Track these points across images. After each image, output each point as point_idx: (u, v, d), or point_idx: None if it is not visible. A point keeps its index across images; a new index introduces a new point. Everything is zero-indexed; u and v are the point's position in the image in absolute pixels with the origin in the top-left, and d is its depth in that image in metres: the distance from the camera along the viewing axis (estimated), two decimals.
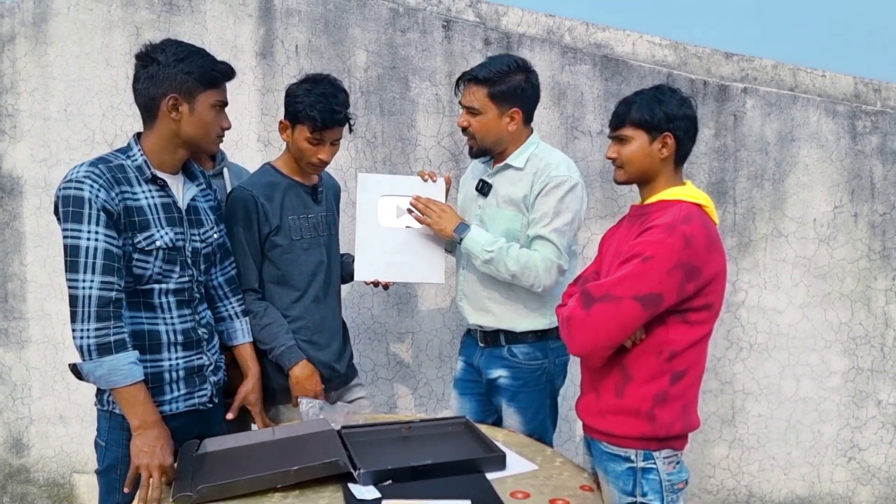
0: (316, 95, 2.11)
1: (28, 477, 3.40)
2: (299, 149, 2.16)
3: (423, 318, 3.22)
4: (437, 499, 1.63)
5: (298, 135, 2.15)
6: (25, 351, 3.33)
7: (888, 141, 3.02)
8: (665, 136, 1.81)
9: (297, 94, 2.14)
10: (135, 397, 1.76)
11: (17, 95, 3.20)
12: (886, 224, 3.05)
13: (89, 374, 1.77)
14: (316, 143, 2.13)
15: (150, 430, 1.76)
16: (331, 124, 2.12)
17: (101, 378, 1.76)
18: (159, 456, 1.74)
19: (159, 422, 1.79)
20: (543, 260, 2.17)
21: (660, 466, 1.78)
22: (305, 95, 2.12)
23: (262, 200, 2.13)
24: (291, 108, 2.15)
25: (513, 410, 2.33)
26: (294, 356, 2.16)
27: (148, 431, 1.76)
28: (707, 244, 1.72)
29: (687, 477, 1.84)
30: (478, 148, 2.32)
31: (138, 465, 1.73)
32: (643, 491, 1.78)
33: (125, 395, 1.76)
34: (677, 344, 1.75)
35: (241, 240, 2.13)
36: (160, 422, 1.80)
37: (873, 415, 3.13)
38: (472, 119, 2.27)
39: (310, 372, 2.17)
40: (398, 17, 3.09)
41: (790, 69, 3.13)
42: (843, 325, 3.11)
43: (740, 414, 3.17)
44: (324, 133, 2.13)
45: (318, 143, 2.14)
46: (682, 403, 1.79)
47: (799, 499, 3.19)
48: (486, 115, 2.25)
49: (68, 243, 1.73)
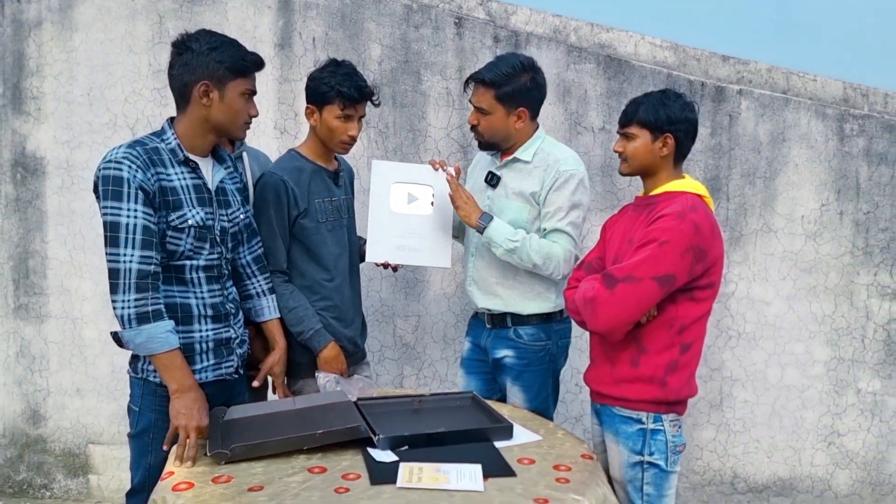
0: (342, 75, 2.25)
1: (45, 447, 3.53)
2: (329, 128, 2.28)
3: (430, 302, 3.37)
4: (450, 463, 1.77)
5: (328, 115, 2.27)
6: (45, 325, 3.45)
7: (874, 143, 3.19)
8: (666, 136, 2.00)
9: (322, 77, 2.27)
10: (172, 362, 1.89)
11: (42, 79, 3.32)
12: (870, 222, 3.22)
13: (129, 341, 1.90)
14: (346, 119, 2.26)
15: (187, 394, 1.90)
16: (361, 99, 2.26)
17: (141, 345, 1.89)
18: (196, 417, 1.87)
19: (195, 386, 1.92)
20: (563, 251, 2.34)
21: (666, 428, 2.00)
22: (331, 76, 2.25)
23: (292, 185, 2.25)
24: (318, 91, 2.27)
25: (517, 388, 2.48)
26: (323, 339, 2.29)
27: (185, 394, 1.89)
28: (711, 230, 1.94)
29: (685, 442, 2.06)
30: (485, 143, 2.47)
31: (177, 426, 1.88)
32: (650, 450, 2.01)
33: (163, 361, 1.89)
34: (686, 318, 1.97)
35: (271, 222, 2.25)
36: (196, 386, 1.93)
37: (853, 402, 3.31)
38: (481, 118, 2.40)
39: (336, 353, 2.32)
40: (412, 13, 3.22)
41: (783, 73, 3.29)
42: (827, 317, 3.27)
43: (727, 399, 3.34)
44: (356, 107, 2.26)
45: (348, 119, 2.27)
46: (689, 372, 2.02)
47: (781, 481, 3.37)
48: (493, 115, 2.39)
49: (108, 220, 1.85)
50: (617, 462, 2.06)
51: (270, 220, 2.25)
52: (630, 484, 2.04)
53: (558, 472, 1.78)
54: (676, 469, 2.04)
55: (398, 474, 1.71)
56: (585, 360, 3.29)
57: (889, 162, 3.18)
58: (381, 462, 1.80)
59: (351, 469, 1.76)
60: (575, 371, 3.28)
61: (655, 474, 2.01)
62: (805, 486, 3.36)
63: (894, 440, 3.32)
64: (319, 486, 1.67)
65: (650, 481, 2.02)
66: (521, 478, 1.73)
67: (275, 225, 2.26)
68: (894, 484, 3.34)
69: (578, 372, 3.29)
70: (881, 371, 3.28)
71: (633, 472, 2.03)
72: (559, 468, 1.81)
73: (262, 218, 2.26)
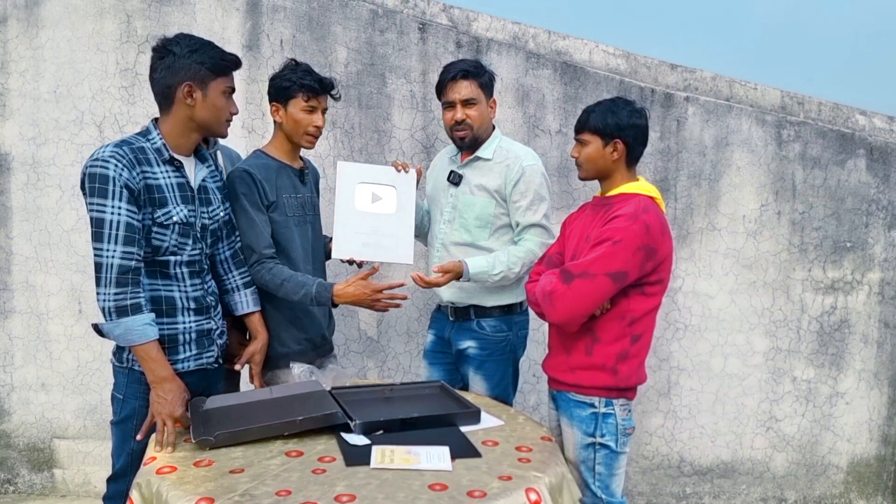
0: (301, 72, 2.38)
1: (8, 442, 3.54)
2: (295, 121, 2.38)
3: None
4: (419, 446, 1.89)
5: (293, 108, 2.37)
6: (9, 321, 3.46)
7: (808, 149, 3.42)
8: (616, 141, 2.17)
9: (284, 74, 2.40)
10: (148, 354, 1.98)
11: (7, 75, 3.32)
12: (805, 222, 3.46)
13: (109, 332, 1.99)
14: (311, 111, 2.38)
15: (163, 384, 1.98)
16: (322, 90, 2.38)
17: (119, 336, 1.98)
18: (170, 406, 1.96)
19: (172, 376, 2.01)
20: (540, 245, 2.51)
21: (616, 412, 2.16)
22: (292, 72, 2.38)
23: (260, 178, 2.33)
24: (281, 87, 2.38)
25: (479, 377, 2.62)
26: (327, 285, 2.33)
27: (162, 385, 1.98)
28: (661, 230, 2.10)
29: (634, 426, 2.22)
30: (471, 137, 2.56)
31: (153, 414, 1.97)
32: (602, 433, 2.16)
33: (141, 353, 1.98)
34: (636, 312, 2.13)
35: (247, 210, 2.31)
36: (173, 376, 2.01)
37: (789, 390, 3.55)
38: (471, 110, 2.52)
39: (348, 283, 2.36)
40: (377, 17, 3.33)
41: (727, 81, 3.50)
42: (766, 310, 3.50)
43: (675, 388, 3.54)
44: (319, 98, 2.38)
45: (312, 110, 2.38)
46: (638, 361, 2.18)
47: (724, 463, 3.59)
48: (480, 105, 2.54)
49: (94, 216, 1.93)
50: (571, 443, 2.21)
51: (245, 209, 2.31)
52: (583, 464, 2.20)
53: (520, 453, 1.91)
54: (626, 450, 2.20)
55: (371, 456, 1.82)
56: (542, 351, 3.46)
57: (822, 166, 3.42)
58: (355, 445, 1.91)
59: (326, 452, 1.87)
60: (532, 363, 3.45)
61: (606, 455, 2.17)
62: (746, 468, 3.59)
63: (826, 424, 3.57)
64: (297, 468, 1.78)
65: (601, 461, 2.18)
66: (486, 458, 1.86)
67: (251, 212, 2.31)
68: (826, 465, 3.59)
69: (535, 363, 3.46)
70: (815, 360, 3.52)
71: (586, 453, 2.19)
72: (521, 449, 1.94)
73: (237, 209, 2.32)
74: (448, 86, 2.54)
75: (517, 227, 2.55)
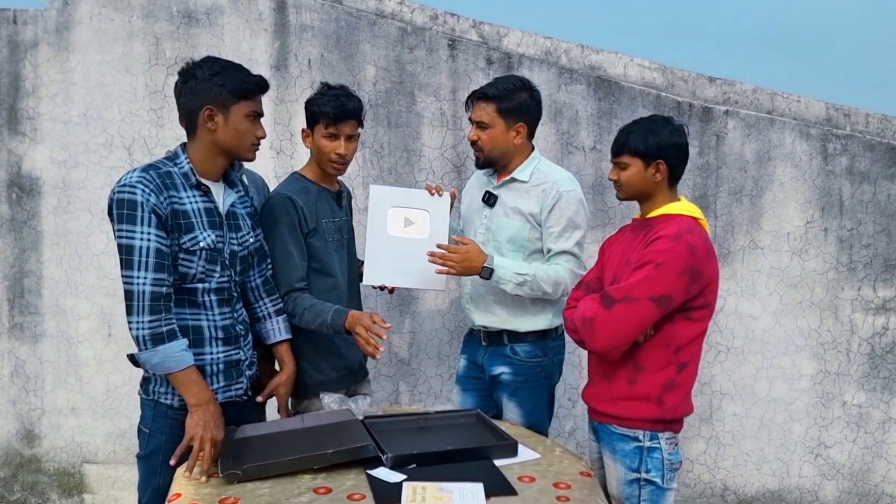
0: (328, 97, 2.33)
1: (39, 466, 3.53)
2: (319, 148, 2.34)
3: (424, 320, 3.41)
4: (452, 482, 1.80)
5: (317, 135, 2.34)
6: (39, 345, 3.46)
7: (856, 163, 3.28)
8: (658, 162, 2.06)
9: (313, 100, 2.37)
10: (189, 378, 1.93)
11: (38, 99, 3.34)
12: (853, 239, 3.31)
13: (146, 362, 1.93)
14: (332, 137, 2.32)
15: (205, 407, 1.93)
16: (342, 116, 2.30)
17: (157, 365, 1.92)
18: (212, 430, 1.91)
19: (213, 400, 1.96)
20: (570, 273, 2.40)
21: (663, 446, 2.04)
22: (320, 97, 2.35)
23: (301, 204, 2.29)
24: (309, 112, 2.36)
25: (514, 404, 2.53)
26: (341, 312, 2.20)
27: (203, 408, 1.92)
28: (706, 251, 1.99)
29: (681, 460, 2.10)
30: (484, 159, 2.53)
31: (192, 437, 1.90)
32: (647, 468, 2.05)
33: (180, 379, 1.93)
34: (682, 338, 2.02)
35: (285, 239, 2.26)
36: (214, 400, 1.96)
37: (839, 415, 3.39)
38: (482, 133, 2.48)
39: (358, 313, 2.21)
40: (406, 35, 3.28)
41: (768, 93, 3.38)
42: (813, 331, 3.35)
43: (717, 413, 3.41)
44: (338, 126, 2.31)
45: (333, 137, 2.32)
46: (684, 391, 2.06)
47: (770, 492, 3.44)
48: (494, 129, 2.47)
49: (123, 243, 1.88)
50: (614, 479, 2.10)
51: (283, 238, 2.26)
52: (627, 501, 2.08)
53: (559, 490, 1.82)
54: (673, 486, 2.08)
55: (402, 494, 1.74)
56: (578, 376, 3.36)
57: (871, 180, 3.28)
58: (385, 482, 1.83)
59: (355, 489, 1.79)
60: (568, 387, 3.34)
61: (652, 491, 2.06)
62: (793, 497, 3.43)
63: (879, 451, 3.40)
64: None
65: (647, 498, 2.06)
66: (523, 496, 1.77)
67: (289, 242, 2.26)
68: (879, 494, 3.42)
69: (572, 387, 3.35)
70: (866, 384, 3.36)
71: (630, 490, 2.08)
72: (559, 486, 1.85)
73: (275, 237, 2.26)
74: (468, 104, 2.54)
75: (548, 254, 2.46)
